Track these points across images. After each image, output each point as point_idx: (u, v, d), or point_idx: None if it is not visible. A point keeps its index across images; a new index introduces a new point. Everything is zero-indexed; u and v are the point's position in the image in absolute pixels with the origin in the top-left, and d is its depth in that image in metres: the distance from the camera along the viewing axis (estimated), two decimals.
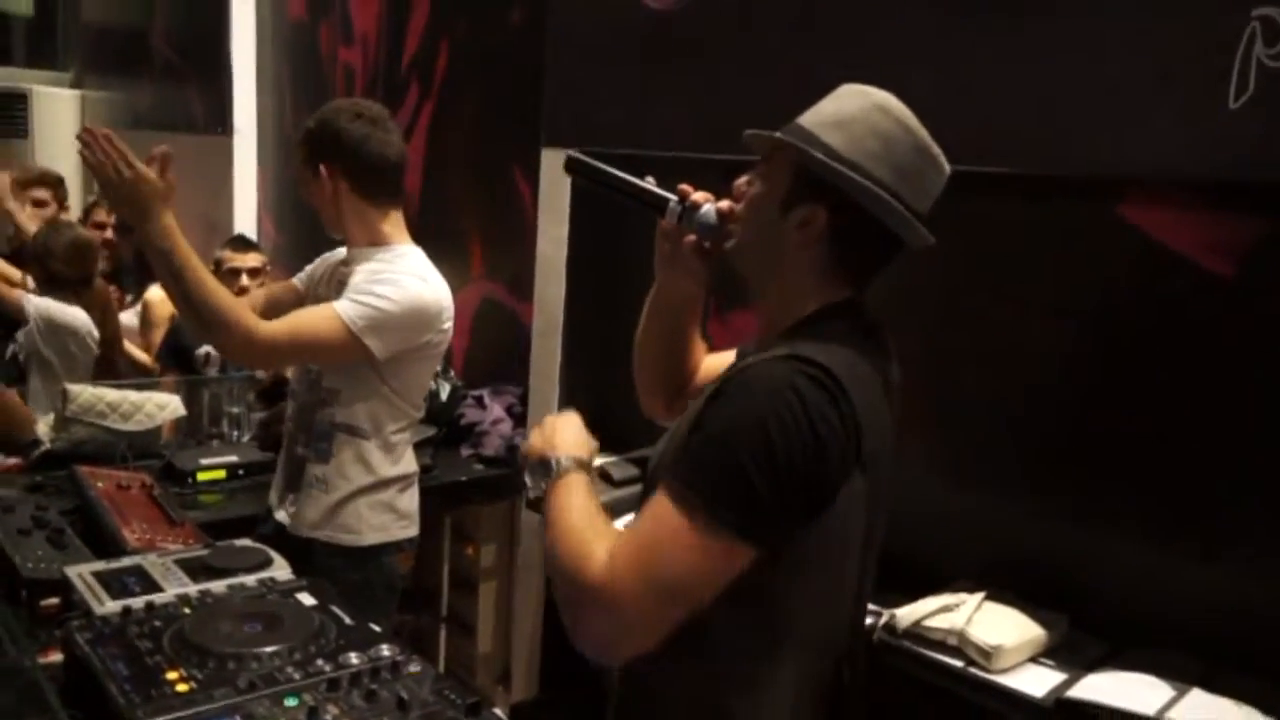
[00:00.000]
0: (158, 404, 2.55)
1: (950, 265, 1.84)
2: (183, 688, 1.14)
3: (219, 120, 4.61)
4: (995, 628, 1.59)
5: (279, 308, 1.93)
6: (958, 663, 1.58)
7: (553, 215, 2.61)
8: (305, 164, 1.92)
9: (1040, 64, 1.61)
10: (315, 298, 1.98)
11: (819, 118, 1.10)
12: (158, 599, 1.37)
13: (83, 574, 1.43)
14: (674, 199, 1.24)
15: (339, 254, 2.02)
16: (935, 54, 1.71)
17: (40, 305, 3.11)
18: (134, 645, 1.23)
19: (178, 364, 3.11)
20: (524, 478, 1.16)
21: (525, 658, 2.82)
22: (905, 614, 1.64)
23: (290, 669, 1.19)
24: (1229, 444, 1.54)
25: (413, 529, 2.02)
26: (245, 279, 3.07)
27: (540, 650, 2.77)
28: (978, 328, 1.82)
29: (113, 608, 1.33)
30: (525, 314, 2.85)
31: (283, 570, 1.52)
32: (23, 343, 3.12)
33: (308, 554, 1.84)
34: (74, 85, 6.59)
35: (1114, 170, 1.56)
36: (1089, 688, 1.48)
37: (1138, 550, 1.63)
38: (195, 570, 1.48)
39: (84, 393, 2.44)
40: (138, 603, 1.34)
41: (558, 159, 2.57)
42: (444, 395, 2.90)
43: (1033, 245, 1.75)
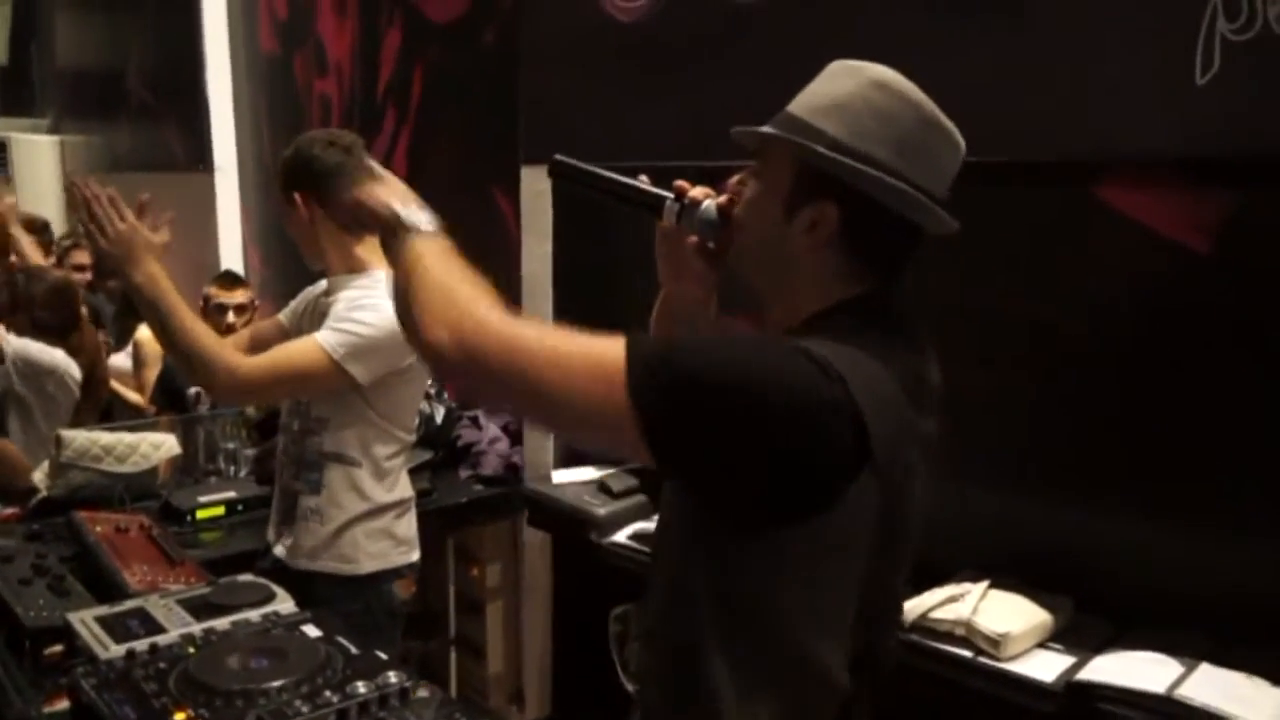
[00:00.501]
0: (153, 444, 2.54)
1: (937, 256, 1.85)
2: None
3: (199, 157, 4.63)
4: (1002, 615, 1.59)
5: (265, 345, 1.93)
6: (966, 653, 1.58)
7: (536, 233, 2.62)
8: (283, 194, 1.94)
9: (1007, 51, 1.62)
10: (299, 331, 1.98)
11: (812, 102, 1.00)
12: (161, 640, 1.36)
13: (85, 620, 1.43)
14: (670, 197, 1.13)
15: (320, 286, 2.03)
16: (905, 48, 1.72)
17: (17, 345, 3.06)
18: (140, 688, 1.22)
19: (171, 403, 3.11)
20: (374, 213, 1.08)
21: (537, 676, 2.82)
22: (911, 607, 1.64)
23: (298, 702, 1.19)
24: (1225, 420, 1.54)
25: (412, 554, 2.02)
26: (232, 316, 3.07)
27: (552, 668, 2.77)
28: (970, 317, 1.83)
29: (117, 652, 1.32)
30: None
31: (286, 603, 1.52)
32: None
33: (308, 586, 1.83)
34: (52, 131, 6.61)
35: (1088, 154, 1.57)
36: (1098, 669, 1.48)
37: (1139, 530, 1.63)
38: (198, 609, 1.48)
39: (78, 437, 2.44)
40: (142, 645, 1.34)
41: (537, 177, 2.58)
42: (439, 418, 2.90)
43: (1016, 232, 1.76)
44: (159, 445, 2.55)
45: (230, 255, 4.54)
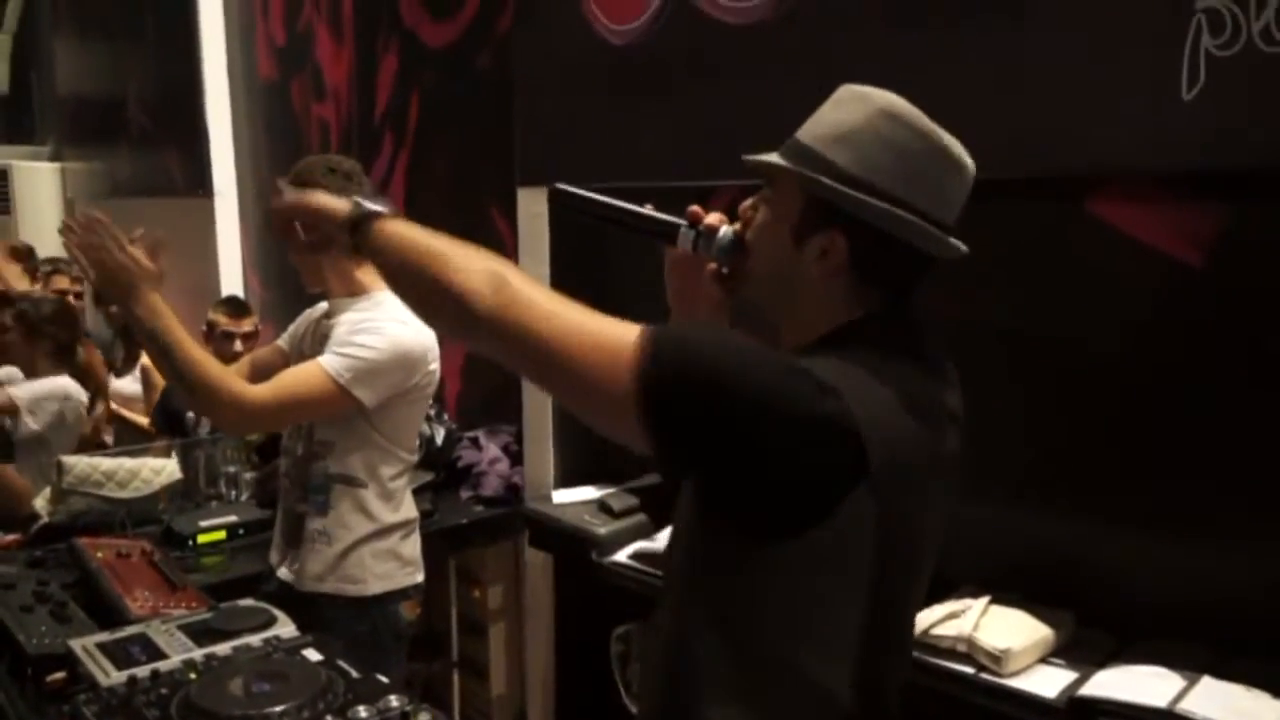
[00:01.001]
0: (153, 469, 2.54)
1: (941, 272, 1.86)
2: None
3: (199, 183, 4.65)
4: (1003, 631, 1.59)
5: (266, 371, 1.94)
6: (968, 669, 1.57)
7: (533, 254, 2.63)
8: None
9: (995, 68, 1.64)
10: (300, 356, 1.99)
11: (821, 131, 1.02)
12: (163, 666, 1.37)
13: (87, 646, 1.43)
14: (684, 224, 1.12)
15: (320, 309, 2.03)
16: (898, 65, 1.74)
17: (26, 392, 3.04)
18: (141, 714, 1.23)
19: (170, 427, 3.11)
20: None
21: (540, 697, 2.81)
22: None
23: None
24: (1224, 432, 1.54)
25: (418, 575, 2.02)
26: (239, 344, 3.09)
27: (555, 689, 2.76)
28: (965, 331, 1.83)
29: (119, 678, 1.33)
30: None
31: (287, 628, 1.52)
32: (13, 426, 3.08)
33: (314, 608, 1.84)
34: (53, 158, 6.65)
35: (1078, 168, 1.58)
36: (1100, 684, 1.48)
37: (1139, 543, 1.63)
38: (199, 634, 1.48)
39: (79, 464, 2.44)
40: (143, 671, 1.34)
41: (534, 198, 2.60)
42: (439, 439, 2.91)
43: (1009, 247, 1.77)
44: (159, 470, 2.55)
45: (230, 279, 4.56)
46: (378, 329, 1.83)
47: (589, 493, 2.45)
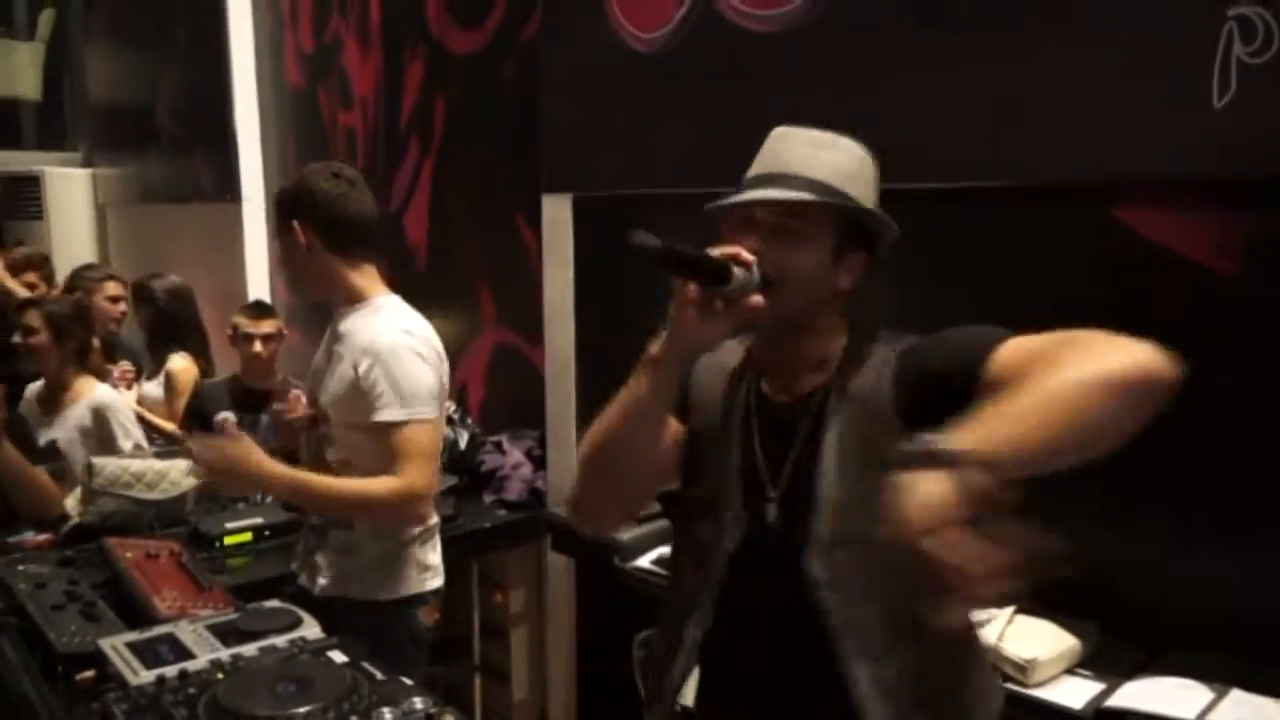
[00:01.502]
0: (181, 471, 2.57)
1: (953, 278, 1.85)
2: None
3: (227, 188, 4.70)
4: (1029, 641, 1.58)
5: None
6: None
7: (557, 260, 2.64)
8: (281, 224, 1.96)
9: (1025, 74, 1.63)
10: (316, 373, 2.00)
11: (835, 173, 1.18)
12: (191, 666, 1.38)
13: (116, 645, 1.45)
14: (740, 270, 1.11)
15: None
16: (925, 74, 1.73)
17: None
18: (170, 714, 1.24)
19: (200, 430, 3.13)
20: None
21: (562, 701, 2.81)
22: None
23: None
24: (1253, 442, 1.53)
25: (437, 580, 2.03)
26: (259, 345, 3.10)
27: (576, 693, 2.76)
28: None
29: (147, 678, 1.34)
30: (538, 358, 2.87)
31: (313, 629, 1.53)
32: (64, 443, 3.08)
33: (334, 612, 1.84)
34: (84, 164, 6.73)
35: (1108, 176, 1.57)
36: (1128, 696, 1.47)
37: (1166, 554, 1.61)
38: (226, 635, 1.49)
39: (109, 465, 2.47)
40: (171, 671, 1.36)
41: (558, 205, 2.62)
42: (463, 443, 2.92)
43: (1036, 254, 1.76)
44: (187, 472, 2.58)
45: (257, 282, 4.61)
46: (395, 358, 1.84)
47: None
